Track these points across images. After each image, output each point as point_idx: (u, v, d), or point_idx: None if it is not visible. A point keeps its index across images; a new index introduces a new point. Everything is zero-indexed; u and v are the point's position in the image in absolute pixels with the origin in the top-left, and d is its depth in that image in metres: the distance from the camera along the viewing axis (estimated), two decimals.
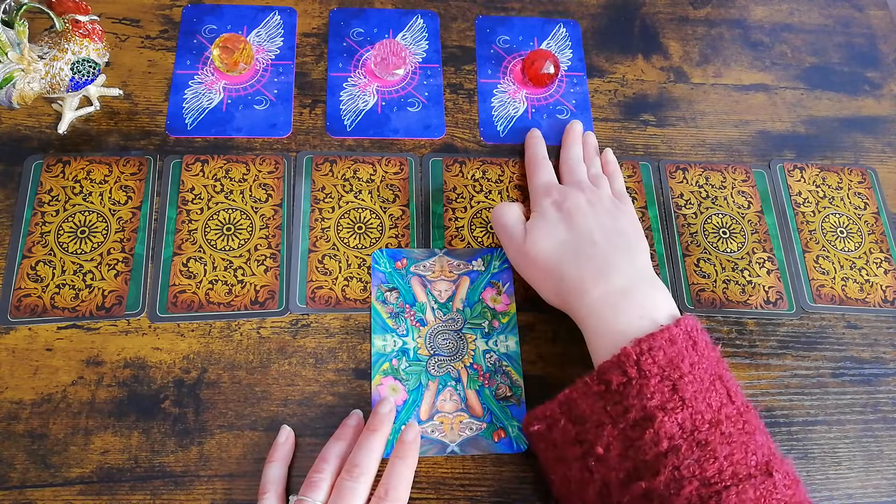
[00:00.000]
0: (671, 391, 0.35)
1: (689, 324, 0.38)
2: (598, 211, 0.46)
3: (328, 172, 0.52)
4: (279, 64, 0.57)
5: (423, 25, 0.60)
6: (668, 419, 0.35)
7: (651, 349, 0.36)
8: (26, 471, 0.41)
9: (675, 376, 0.35)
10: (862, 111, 0.61)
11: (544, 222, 0.45)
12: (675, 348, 0.36)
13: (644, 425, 0.35)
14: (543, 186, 0.49)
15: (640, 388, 0.35)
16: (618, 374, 0.36)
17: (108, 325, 0.46)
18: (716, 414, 0.35)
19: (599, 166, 0.53)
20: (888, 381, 0.50)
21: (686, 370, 0.36)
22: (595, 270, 0.42)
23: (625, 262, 0.43)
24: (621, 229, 0.45)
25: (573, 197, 0.46)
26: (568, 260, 0.43)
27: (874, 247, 0.55)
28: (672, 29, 0.63)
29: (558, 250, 0.44)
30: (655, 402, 0.35)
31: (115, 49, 0.55)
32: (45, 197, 0.49)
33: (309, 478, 0.40)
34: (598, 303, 0.41)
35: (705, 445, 0.34)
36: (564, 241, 0.44)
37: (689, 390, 0.35)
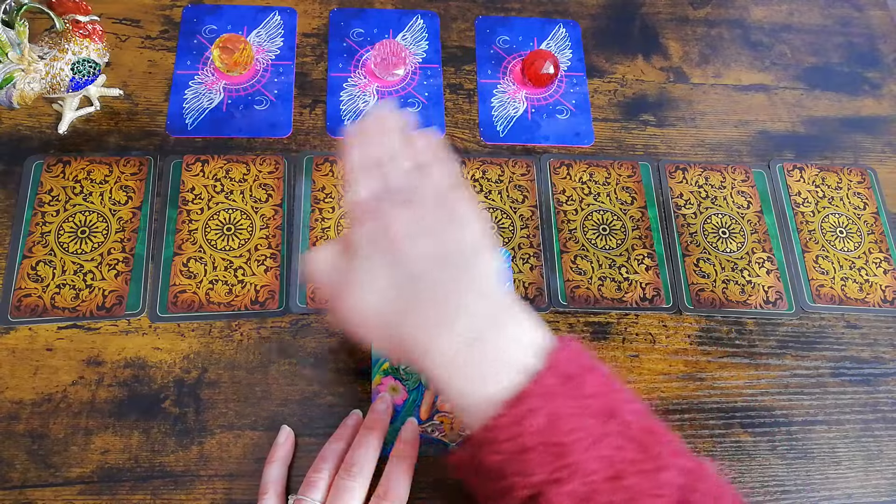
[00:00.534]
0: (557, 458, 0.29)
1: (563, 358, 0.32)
2: (426, 231, 0.34)
3: (328, 172, 0.52)
4: (279, 64, 0.57)
5: (423, 26, 0.60)
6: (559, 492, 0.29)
7: (525, 415, 0.30)
8: (27, 471, 0.41)
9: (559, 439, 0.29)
10: (861, 111, 0.61)
11: (362, 266, 0.34)
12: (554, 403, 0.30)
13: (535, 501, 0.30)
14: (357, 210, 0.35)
15: (521, 465, 0.30)
16: (491, 451, 0.30)
17: (108, 324, 0.46)
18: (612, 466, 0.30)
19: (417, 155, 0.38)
20: (888, 381, 0.50)
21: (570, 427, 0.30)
22: (438, 319, 0.32)
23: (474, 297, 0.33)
24: (456, 249, 0.34)
25: (390, 220, 0.33)
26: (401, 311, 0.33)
27: (874, 247, 0.55)
28: (672, 29, 0.63)
29: (385, 302, 0.33)
30: (541, 476, 0.29)
31: (116, 49, 0.55)
32: (46, 197, 0.49)
33: (308, 477, 0.40)
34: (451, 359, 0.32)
35: None
36: (390, 289, 0.33)
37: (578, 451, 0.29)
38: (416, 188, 0.36)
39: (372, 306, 0.33)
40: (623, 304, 0.50)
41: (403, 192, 0.35)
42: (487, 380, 0.31)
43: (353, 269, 0.34)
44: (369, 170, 0.36)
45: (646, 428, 0.31)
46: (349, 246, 0.35)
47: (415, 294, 0.33)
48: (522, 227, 0.52)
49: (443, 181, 0.37)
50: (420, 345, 0.32)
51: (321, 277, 0.36)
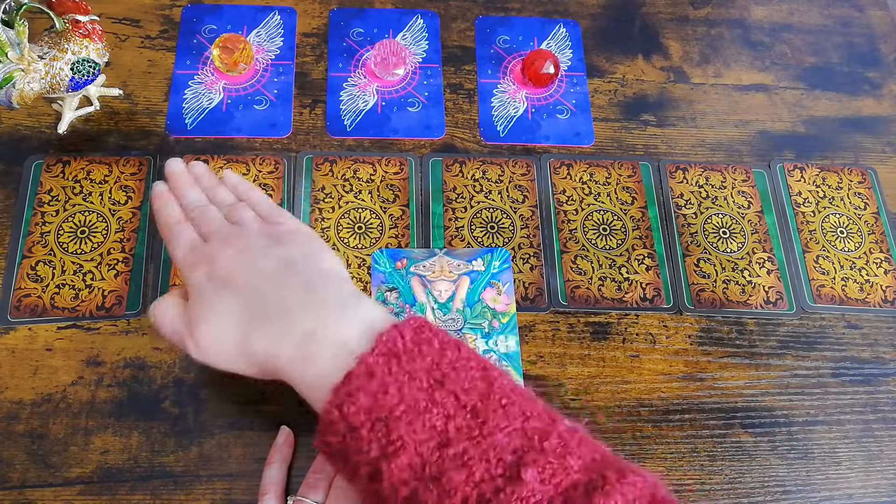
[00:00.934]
0: (386, 433, 0.30)
1: (390, 337, 0.33)
2: (253, 258, 0.37)
3: (328, 172, 0.52)
4: (279, 64, 0.57)
5: (423, 25, 0.60)
6: (394, 466, 0.30)
7: (350, 394, 0.31)
8: (26, 471, 0.41)
9: (385, 414, 0.30)
10: (862, 111, 0.61)
11: (204, 304, 0.36)
12: (376, 381, 0.31)
13: (377, 478, 0.31)
14: (186, 259, 0.38)
15: (355, 444, 0.31)
16: (330, 434, 0.32)
17: (108, 324, 0.46)
18: (441, 435, 0.30)
19: (230, 195, 0.42)
20: (888, 381, 0.50)
21: (394, 402, 0.31)
22: (279, 329, 0.34)
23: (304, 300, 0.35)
24: (288, 263, 0.37)
25: (220, 258, 0.36)
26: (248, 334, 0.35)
27: (874, 247, 0.55)
28: (672, 29, 0.63)
29: (233, 330, 0.35)
30: (375, 452, 0.30)
31: (115, 49, 0.55)
32: (45, 197, 0.49)
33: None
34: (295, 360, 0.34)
35: (439, 478, 0.29)
36: (235, 316, 0.35)
37: (404, 424, 0.30)
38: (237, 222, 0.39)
39: (221, 337, 0.35)
40: (623, 304, 0.50)
41: (223, 231, 0.38)
42: (320, 370, 0.33)
43: (196, 311, 0.36)
44: (182, 223, 0.40)
45: (483, 392, 0.32)
46: (189, 292, 0.37)
47: (253, 318, 0.35)
48: (522, 227, 0.52)
49: (260, 207, 0.41)
50: (265, 357, 0.34)
51: (168, 325, 0.37)
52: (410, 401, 0.31)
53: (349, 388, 0.31)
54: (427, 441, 0.30)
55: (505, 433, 0.31)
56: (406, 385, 0.31)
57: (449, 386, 0.32)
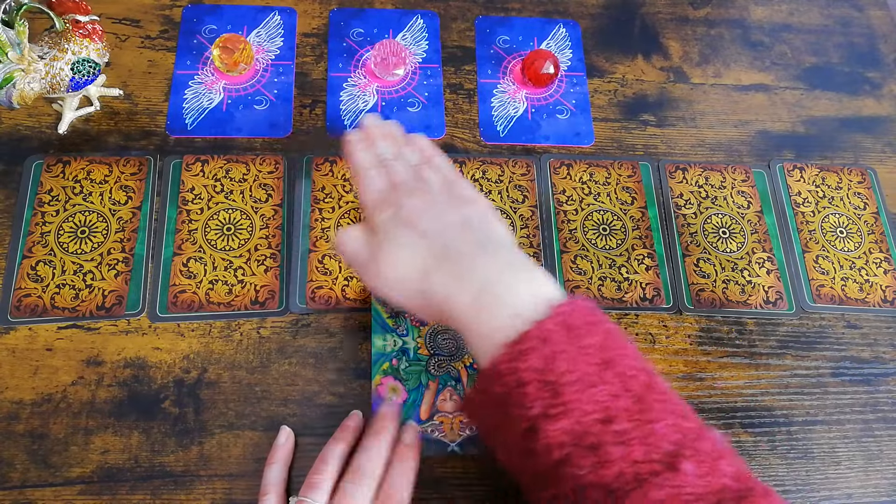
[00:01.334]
0: (552, 395, 0.32)
1: (566, 310, 0.34)
2: (437, 209, 0.40)
3: (328, 172, 0.52)
4: (279, 64, 0.57)
5: (423, 25, 0.60)
6: (552, 428, 0.31)
7: (523, 353, 0.33)
8: (27, 470, 0.41)
9: (554, 378, 0.32)
10: (862, 111, 0.61)
11: (389, 240, 0.39)
12: (550, 346, 0.33)
13: (533, 436, 0.32)
14: (374, 200, 0.42)
15: (520, 398, 0.32)
16: (495, 385, 0.33)
17: (108, 324, 0.46)
18: (606, 410, 0.32)
19: (417, 154, 0.46)
20: (888, 381, 0.50)
21: (564, 369, 0.32)
22: (457, 276, 0.37)
23: (481, 257, 0.38)
24: (466, 220, 0.40)
25: (406, 204, 0.40)
26: (428, 272, 0.38)
27: (874, 247, 0.55)
28: (672, 29, 0.63)
29: (414, 266, 0.38)
30: (537, 410, 0.32)
31: (116, 49, 0.55)
32: (46, 197, 0.49)
33: (309, 479, 0.40)
34: (468, 308, 0.36)
35: (597, 449, 0.31)
36: (417, 255, 0.38)
37: (571, 391, 0.32)
38: (422, 179, 0.42)
39: (401, 272, 0.39)
40: (623, 304, 0.50)
41: (409, 183, 0.42)
42: (495, 325, 0.35)
43: (380, 245, 0.40)
44: (376, 168, 0.43)
45: (645, 383, 0.33)
46: (374, 230, 0.40)
47: (435, 258, 0.38)
48: (522, 227, 0.52)
49: (443, 171, 0.44)
50: (443, 298, 0.37)
51: (351, 251, 0.41)
52: (580, 373, 0.32)
53: (523, 346, 0.33)
54: (591, 413, 0.31)
55: (664, 425, 0.32)
56: (578, 357, 0.33)
57: (616, 368, 0.33)
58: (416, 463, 0.41)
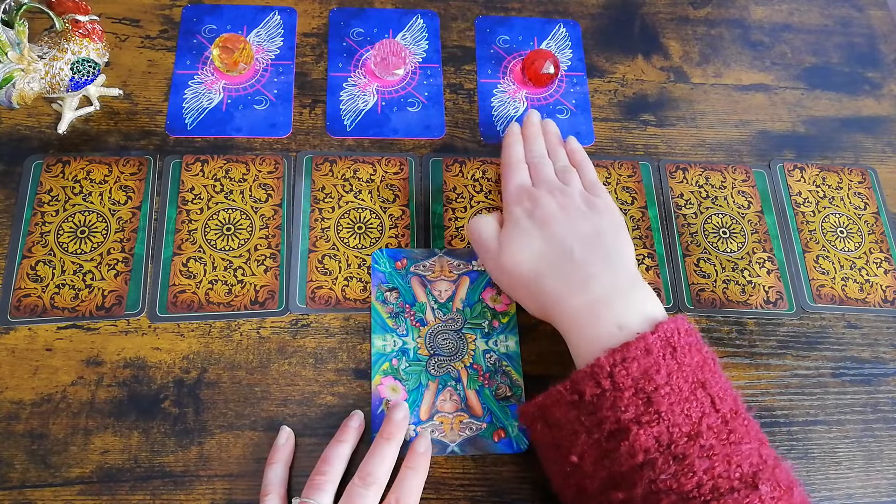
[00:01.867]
0: (646, 404, 0.34)
1: (669, 329, 0.37)
2: (572, 216, 0.44)
3: (328, 172, 0.52)
4: (279, 64, 0.57)
5: (423, 25, 0.60)
6: (643, 432, 0.34)
7: (625, 360, 0.35)
8: (26, 471, 0.41)
9: (650, 388, 0.34)
10: (862, 111, 0.61)
11: (518, 233, 0.44)
12: (651, 358, 0.35)
13: (619, 437, 0.34)
14: (515, 193, 0.46)
15: (614, 401, 0.34)
16: (591, 385, 0.35)
17: (107, 325, 0.46)
18: (695, 426, 0.34)
19: (565, 158, 0.50)
20: (888, 381, 0.50)
21: (661, 381, 0.34)
22: (573, 282, 0.41)
23: (603, 269, 0.41)
24: (598, 233, 0.43)
25: (544, 203, 0.44)
26: (545, 272, 0.42)
27: (874, 247, 0.55)
28: (672, 29, 0.63)
29: (534, 263, 0.42)
30: (630, 414, 0.34)
31: (115, 49, 0.55)
32: (45, 197, 0.49)
33: (311, 479, 0.40)
34: (577, 313, 0.40)
35: (682, 459, 0.33)
36: (540, 253, 0.42)
37: (665, 402, 0.34)
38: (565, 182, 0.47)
39: (524, 262, 0.42)
40: None
41: (553, 184, 0.46)
42: (601, 334, 0.38)
43: (509, 235, 0.44)
44: (522, 163, 0.49)
45: (732, 408, 0.36)
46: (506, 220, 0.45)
47: (558, 260, 0.42)
48: None
49: (587, 177, 0.48)
50: (558, 299, 0.41)
51: (479, 237, 0.46)
52: (675, 387, 0.35)
53: (625, 354, 0.35)
54: (681, 425, 0.34)
55: (747, 448, 0.34)
56: (675, 373, 0.35)
57: (709, 389, 0.35)
58: (426, 471, 0.41)
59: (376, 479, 0.39)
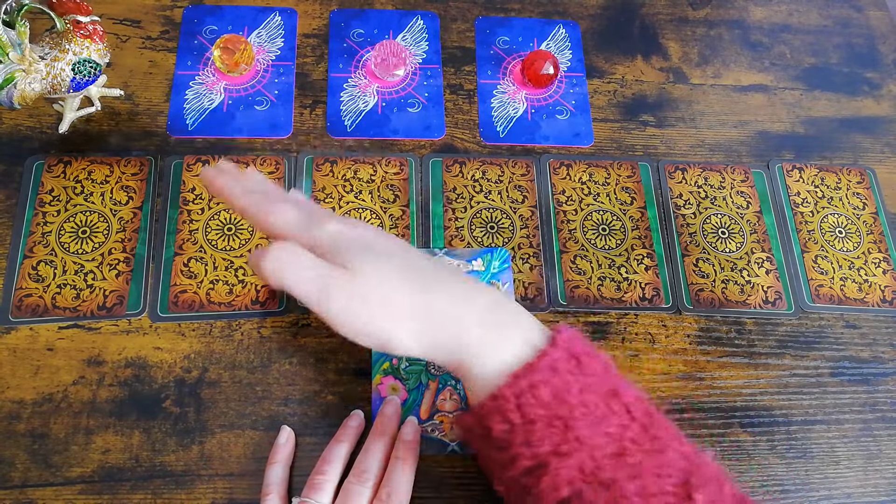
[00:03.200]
0: (563, 431, 0.30)
1: (567, 338, 0.33)
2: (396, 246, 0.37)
3: (329, 173, 0.52)
4: (280, 65, 0.57)
5: (423, 26, 0.60)
6: (563, 465, 0.30)
7: (532, 386, 0.31)
8: (27, 470, 0.41)
9: (564, 413, 0.30)
10: (861, 112, 0.61)
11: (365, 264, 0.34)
12: (559, 378, 0.31)
13: (538, 472, 0.31)
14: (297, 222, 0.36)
15: (527, 435, 0.31)
16: (497, 420, 0.31)
17: (109, 324, 0.46)
18: (618, 443, 0.31)
19: None
20: (887, 381, 0.50)
21: (576, 402, 0.31)
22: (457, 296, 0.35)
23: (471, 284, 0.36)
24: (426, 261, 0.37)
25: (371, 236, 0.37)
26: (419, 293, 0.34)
27: (873, 247, 0.55)
28: (671, 30, 0.63)
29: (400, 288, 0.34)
30: (546, 447, 0.30)
31: (116, 50, 0.55)
32: (47, 197, 0.49)
33: (311, 479, 0.40)
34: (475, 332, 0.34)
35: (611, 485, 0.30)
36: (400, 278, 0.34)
37: (583, 425, 0.30)
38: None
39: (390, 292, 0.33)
40: (622, 303, 0.50)
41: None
42: (500, 350, 0.33)
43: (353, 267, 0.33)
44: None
45: (645, 411, 0.32)
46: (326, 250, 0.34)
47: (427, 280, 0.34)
48: (522, 227, 0.52)
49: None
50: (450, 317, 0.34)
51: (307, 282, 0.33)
52: (591, 404, 0.31)
53: (531, 379, 0.31)
54: (603, 447, 0.30)
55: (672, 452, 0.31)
56: (587, 388, 0.31)
57: (622, 398, 0.32)
58: (416, 460, 0.41)
59: (371, 475, 0.39)
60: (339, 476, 0.40)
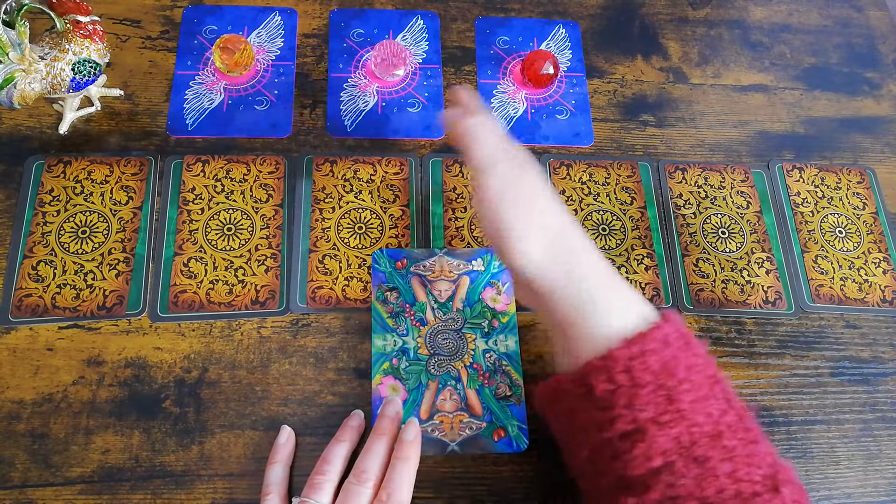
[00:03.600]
0: (666, 402, 0.31)
1: (678, 320, 0.34)
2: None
3: (328, 173, 0.52)
4: (280, 64, 0.57)
5: (423, 26, 0.60)
6: (661, 434, 0.31)
7: (644, 353, 0.32)
8: (27, 470, 0.41)
9: (671, 384, 0.31)
10: (861, 111, 0.61)
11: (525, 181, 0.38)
12: (670, 351, 0.32)
13: (634, 437, 0.31)
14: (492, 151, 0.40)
15: (630, 399, 0.31)
16: (603, 379, 0.32)
17: (108, 324, 0.46)
18: (716, 425, 0.31)
19: None
20: (887, 381, 0.50)
21: (682, 376, 0.32)
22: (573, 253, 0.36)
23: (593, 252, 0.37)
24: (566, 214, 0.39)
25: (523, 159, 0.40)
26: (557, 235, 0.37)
27: (873, 247, 0.55)
28: (671, 30, 0.63)
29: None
30: (648, 414, 0.31)
31: (116, 50, 0.55)
32: (46, 197, 0.49)
33: (312, 479, 0.40)
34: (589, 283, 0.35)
35: (704, 462, 0.30)
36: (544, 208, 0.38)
37: (687, 400, 0.31)
38: None
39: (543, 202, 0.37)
40: None
41: None
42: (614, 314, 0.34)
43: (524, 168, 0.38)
44: None
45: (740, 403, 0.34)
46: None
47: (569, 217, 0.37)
48: None
49: None
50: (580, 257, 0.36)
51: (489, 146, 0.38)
52: (696, 382, 0.32)
53: (643, 346, 0.32)
54: (702, 424, 0.31)
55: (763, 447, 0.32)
56: (694, 367, 0.32)
57: (721, 384, 0.33)
58: (417, 460, 0.41)
59: (371, 475, 0.39)
60: (339, 476, 0.40)
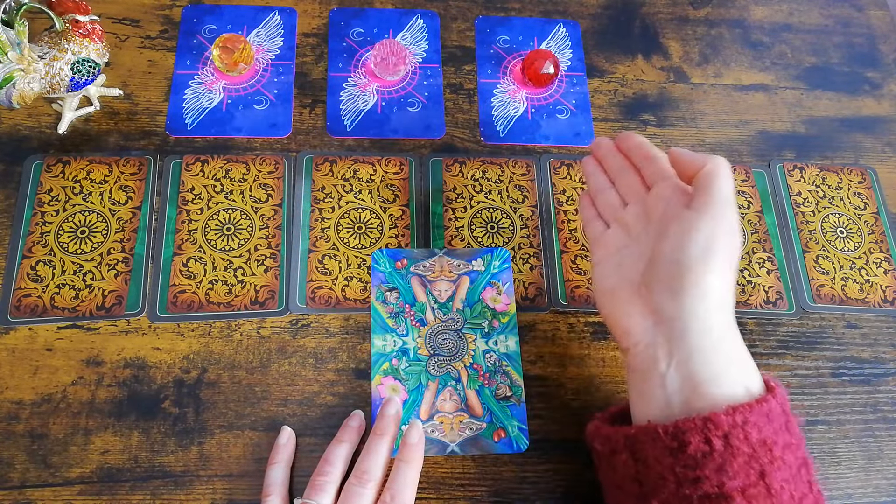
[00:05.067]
0: (758, 476, 0.31)
1: (782, 393, 0.34)
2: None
3: (328, 172, 0.52)
4: (279, 64, 0.57)
5: (423, 25, 0.60)
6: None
7: (746, 423, 0.32)
8: (26, 471, 0.41)
9: (766, 460, 0.32)
10: (862, 111, 0.61)
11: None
12: (771, 427, 0.32)
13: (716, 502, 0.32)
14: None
15: (723, 464, 0.31)
16: (699, 439, 0.32)
17: (108, 325, 0.46)
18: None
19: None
20: (888, 381, 0.50)
21: (778, 454, 0.32)
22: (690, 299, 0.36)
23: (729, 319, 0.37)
24: None
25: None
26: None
27: (874, 247, 0.55)
28: (672, 29, 0.63)
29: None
30: (737, 483, 0.31)
31: (115, 49, 0.55)
32: (45, 197, 0.49)
33: (313, 480, 0.40)
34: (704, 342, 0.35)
35: None
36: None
37: (778, 478, 0.31)
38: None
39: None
40: None
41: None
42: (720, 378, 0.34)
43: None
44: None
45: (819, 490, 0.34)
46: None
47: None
48: (522, 227, 0.52)
49: None
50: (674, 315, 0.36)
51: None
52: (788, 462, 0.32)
53: (747, 416, 0.32)
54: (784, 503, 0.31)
55: None
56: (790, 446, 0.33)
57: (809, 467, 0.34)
58: (420, 462, 0.41)
59: (372, 476, 0.39)
60: (341, 477, 0.40)
